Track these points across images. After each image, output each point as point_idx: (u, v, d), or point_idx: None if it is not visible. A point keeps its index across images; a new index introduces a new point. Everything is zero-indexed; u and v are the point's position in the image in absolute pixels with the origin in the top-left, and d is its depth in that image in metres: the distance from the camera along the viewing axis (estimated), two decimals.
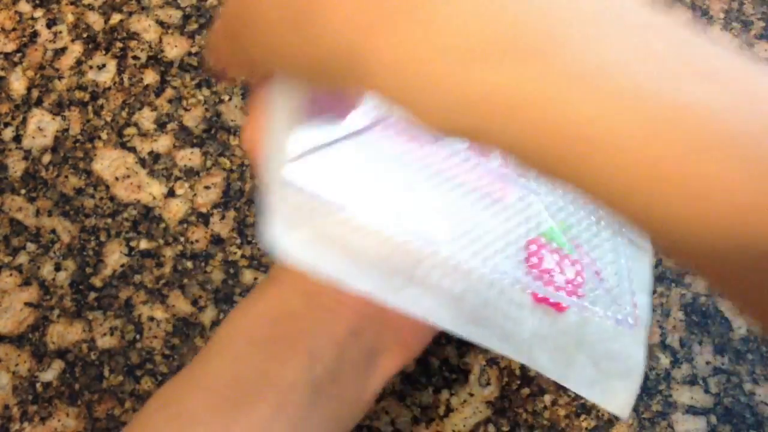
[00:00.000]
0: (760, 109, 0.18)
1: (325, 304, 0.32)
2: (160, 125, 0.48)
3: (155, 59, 0.50)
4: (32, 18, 0.51)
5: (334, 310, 0.32)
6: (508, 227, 0.36)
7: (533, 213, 0.37)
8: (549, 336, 0.35)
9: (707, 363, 0.42)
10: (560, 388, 0.41)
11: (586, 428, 0.40)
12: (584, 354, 0.36)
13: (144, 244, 0.45)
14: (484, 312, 0.33)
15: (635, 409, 0.41)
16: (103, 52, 0.50)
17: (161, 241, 0.45)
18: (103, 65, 0.50)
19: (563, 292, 0.35)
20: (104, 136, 0.48)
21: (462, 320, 0.32)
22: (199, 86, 0.49)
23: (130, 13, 0.51)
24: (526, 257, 0.36)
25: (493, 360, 0.43)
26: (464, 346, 0.43)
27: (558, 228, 0.37)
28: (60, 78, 0.49)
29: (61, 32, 0.51)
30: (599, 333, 0.36)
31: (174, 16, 0.51)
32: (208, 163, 0.47)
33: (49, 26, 0.51)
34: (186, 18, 0.51)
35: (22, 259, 0.44)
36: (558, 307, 0.36)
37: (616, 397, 0.35)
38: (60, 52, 0.50)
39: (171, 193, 0.46)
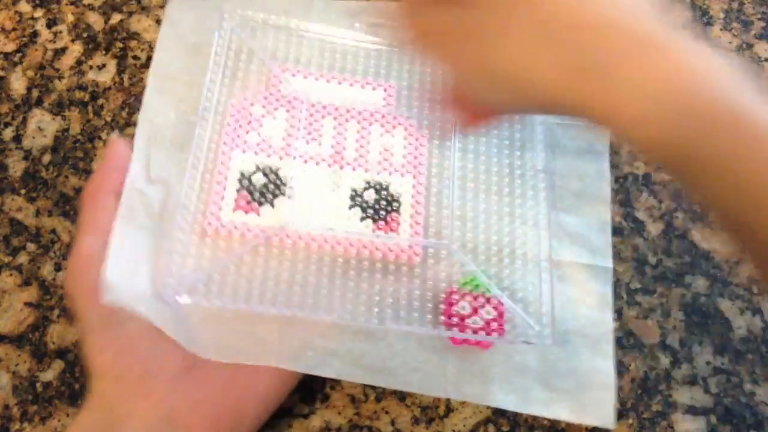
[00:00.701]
0: None
1: (139, 401, 0.36)
2: None
3: None
4: (32, 18, 0.51)
5: (147, 402, 0.36)
6: (417, 287, 0.41)
7: (446, 268, 0.42)
8: (478, 371, 0.40)
9: (707, 363, 0.42)
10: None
11: (586, 428, 0.40)
12: (529, 378, 0.40)
13: None
14: (394, 362, 0.39)
15: (635, 409, 0.41)
16: (103, 52, 0.50)
17: None
18: (103, 65, 0.50)
19: (482, 332, 0.40)
20: (104, 136, 0.48)
21: (371, 373, 0.39)
22: None
23: (130, 13, 0.51)
24: (443, 309, 0.40)
25: None
26: None
27: (475, 274, 0.42)
28: (60, 78, 0.49)
29: (61, 32, 0.51)
30: (540, 358, 0.41)
31: None
32: None
33: (49, 26, 0.51)
34: None
35: (22, 259, 0.44)
36: (481, 345, 0.40)
37: (590, 409, 0.40)
38: (60, 52, 0.50)
39: None
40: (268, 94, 0.45)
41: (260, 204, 0.42)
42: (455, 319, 0.40)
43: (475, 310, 0.41)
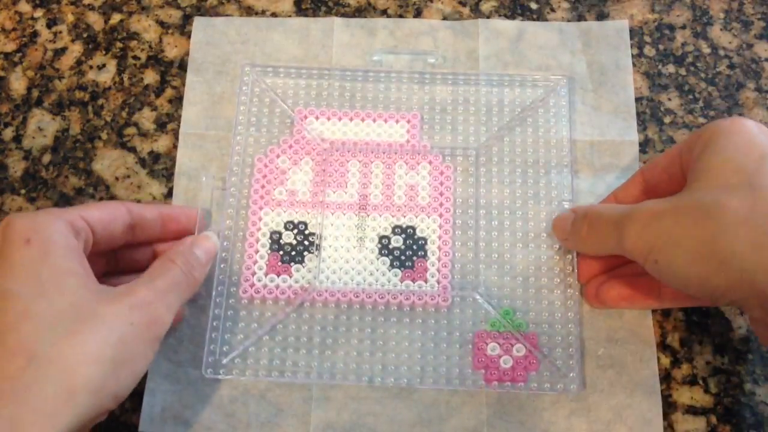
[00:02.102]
0: None
1: None
2: (160, 125, 0.48)
3: (155, 59, 0.50)
4: (32, 18, 0.51)
5: None
6: (447, 333, 0.42)
7: (475, 310, 0.42)
8: (515, 409, 0.41)
9: (707, 363, 0.42)
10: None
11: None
12: (567, 408, 0.41)
13: None
14: (429, 412, 0.41)
15: None
16: (103, 52, 0.50)
17: None
18: (103, 65, 0.50)
19: (513, 372, 0.41)
20: (104, 136, 0.48)
21: (407, 427, 0.40)
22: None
23: (130, 13, 0.51)
24: (473, 350, 0.41)
25: None
26: None
27: (502, 315, 0.42)
28: (60, 78, 0.49)
29: (61, 32, 0.51)
30: (579, 385, 0.41)
31: (174, 16, 0.51)
32: None
33: (49, 26, 0.51)
34: (186, 18, 0.51)
35: None
36: (514, 380, 0.41)
37: (638, 425, 0.41)
38: (60, 52, 0.50)
39: (171, 193, 0.46)
40: (293, 142, 0.46)
41: (291, 264, 0.43)
42: (486, 362, 0.41)
43: (505, 350, 0.41)
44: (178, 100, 0.48)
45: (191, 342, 0.42)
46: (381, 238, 0.44)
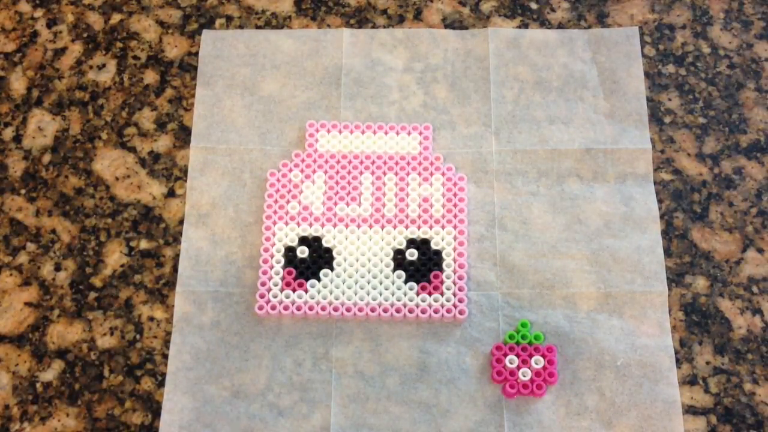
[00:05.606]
0: None
1: None
2: (160, 125, 0.48)
3: (155, 59, 0.50)
4: (32, 18, 0.51)
5: None
6: (465, 345, 0.42)
7: (492, 322, 0.42)
8: (535, 422, 0.40)
9: (707, 363, 0.42)
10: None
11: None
12: (588, 419, 0.40)
13: (144, 244, 0.45)
14: (449, 427, 0.40)
15: None
16: (103, 52, 0.50)
17: (161, 241, 0.45)
18: (103, 65, 0.50)
19: (532, 384, 0.41)
20: (104, 136, 0.48)
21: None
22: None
23: (130, 13, 0.51)
24: (491, 365, 0.41)
25: None
26: None
27: (519, 327, 0.42)
28: (60, 78, 0.49)
29: (61, 32, 0.51)
30: (599, 396, 0.41)
31: (174, 16, 0.51)
32: None
33: (49, 26, 0.51)
34: (186, 18, 0.51)
35: (22, 259, 0.44)
36: (535, 394, 0.41)
37: None
38: (60, 52, 0.50)
39: (171, 193, 0.46)
40: (305, 156, 0.46)
41: (306, 279, 0.43)
42: (505, 375, 0.41)
43: (524, 362, 0.41)
44: (178, 100, 0.48)
45: (208, 359, 0.42)
46: (396, 252, 0.44)
